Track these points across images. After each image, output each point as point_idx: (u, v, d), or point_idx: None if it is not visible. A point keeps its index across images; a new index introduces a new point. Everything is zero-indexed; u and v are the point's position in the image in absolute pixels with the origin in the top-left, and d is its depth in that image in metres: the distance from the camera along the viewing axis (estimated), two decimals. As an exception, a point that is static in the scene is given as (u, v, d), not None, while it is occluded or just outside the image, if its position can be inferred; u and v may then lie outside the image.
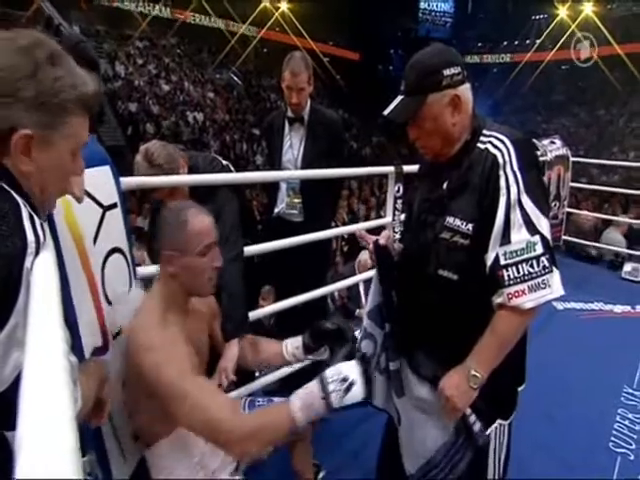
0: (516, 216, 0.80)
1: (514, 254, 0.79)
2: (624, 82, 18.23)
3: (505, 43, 23.85)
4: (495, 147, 0.85)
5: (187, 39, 18.36)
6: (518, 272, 0.79)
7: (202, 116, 14.19)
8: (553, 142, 3.62)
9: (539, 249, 0.79)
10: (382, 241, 1.00)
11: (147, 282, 1.10)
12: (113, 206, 0.97)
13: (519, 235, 0.79)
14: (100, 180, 0.93)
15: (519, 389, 1.01)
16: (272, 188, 1.94)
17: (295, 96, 1.76)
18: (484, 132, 0.88)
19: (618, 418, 1.88)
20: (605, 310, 2.92)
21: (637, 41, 17.86)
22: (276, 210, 1.90)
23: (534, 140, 3.89)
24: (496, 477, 0.98)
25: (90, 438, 0.86)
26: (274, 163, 1.89)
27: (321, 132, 1.82)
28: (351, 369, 0.79)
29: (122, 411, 0.94)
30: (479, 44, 25.13)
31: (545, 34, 20.59)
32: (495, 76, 23.51)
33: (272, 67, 18.07)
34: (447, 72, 0.85)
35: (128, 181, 1.05)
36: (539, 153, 3.69)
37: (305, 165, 1.83)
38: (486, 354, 0.85)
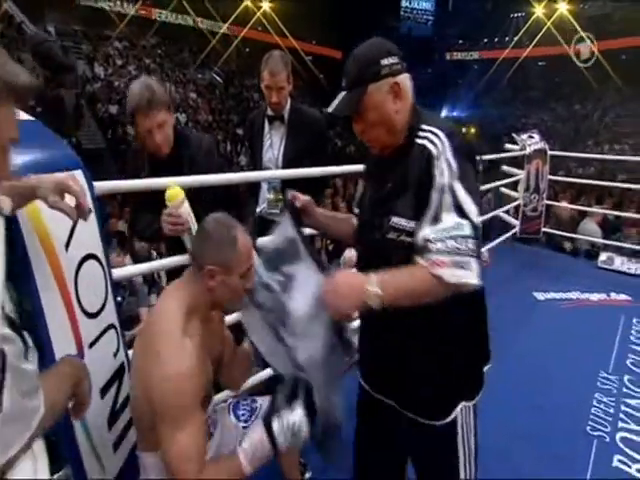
0: (447, 200, 0.81)
1: (442, 232, 0.80)
2: (598, 79, 18.75)
3: (485, 40, 24.22)
4: (431, 142, 0.86)
5: (167, 39, 18.10)
6: (445, 246, 0.79)
7: (185, 117, 14.01)
8: (531, 136, 3.70)
9: (467, 231, 0.79)
10: (298, 204, 1.05)
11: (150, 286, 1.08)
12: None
13: (449, 217, 0.80)
14: (71, 185, 0.91)
15: (484, 368, 1.01)
16: (254, 188, 1.93)
17: (275, 95, 1.75)
18: (422, 127, 0.88)
19: (594, 402, 1.95)
20: (582, 299, 3.00)
21: (611, 38, 18.36)
22: (257, 210, 1.89)
23: (513, 135, 3.97)
24: (468, 462, 0.98)
25: (65, 451, 0.84)
26: (256, 163, 1.88)
27: (302, 130, 1.81)
28: (296, 416, 0.85)
29: (102, 420, 0.92)
30: (460, 41, 25.45)
31: (522, 31, 20.99)
32: (476, 72, 23.86)
33: (254, 67, 17.96)
34: (385, 62, 0.87)
35: (100, 185, 1.02)
36: (518, 147, 3.76)
37: (286, 164, 1.82)
38: (396, 284, 0.81)
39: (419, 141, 0.87)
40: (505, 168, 3.89)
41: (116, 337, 1.01)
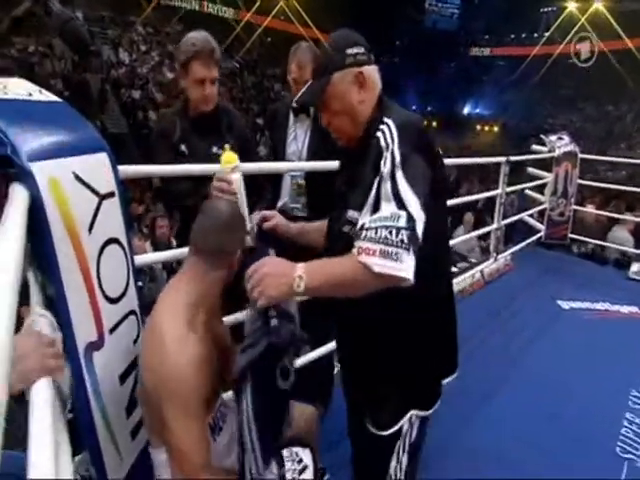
0: (387, 189, 0.79)
1: (377, 220, 0.78)
2: (634, 77, 17.94)
3: (512, 36, 23.49)
4: (383, 134, 0.84)
5: (192, 27, 18.12)
6: (376, 233, 0.76)
7: (205, 105, 14.04)
8: (561, 138, 3.57)
9: (402, 222, 0.76)
10: (270, 224, 1.05)
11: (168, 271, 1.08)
12: (110, 195, 0.92)
13: (388, 206, 0.78)
14: (96, 167, 0.89)
15: (444, 381, 0.98)
16: (276, 181, 1.89)
17: (301, 89, 1.71)
18: (383, 119, 0.86)
19: (625, 422, 1.84)
20: (612, 310, 2.87)
21: (649, 35, 17.56)
22: (279, 204, 1.85)
23: (542, 136, 3.83)
24: (396, 474, 0.95)
25: (83, 436, 0.83)
26: (277, 156, 1.84)
27: None
28: (306, 454, 0.89)
29: (120, 407, 0.91)
30: (486, 36, 24.78)
31: (554, 27, 20.19)
32: (501, 69, 23.21)
33: (276, 56, 17.86)
34: (350, 51, 0.87)
35: (125, 169, 1.00)
36: (546, 149, 3.63)
37: (310, 158, 1.77)
38: (322, 271, 0.80)
39: (377, 134, 0.85)
40: (531, 170, 3.77)
41: (137, 323, 0.99)
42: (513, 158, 2.97)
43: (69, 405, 0.79)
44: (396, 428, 0.91)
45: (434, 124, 22.00)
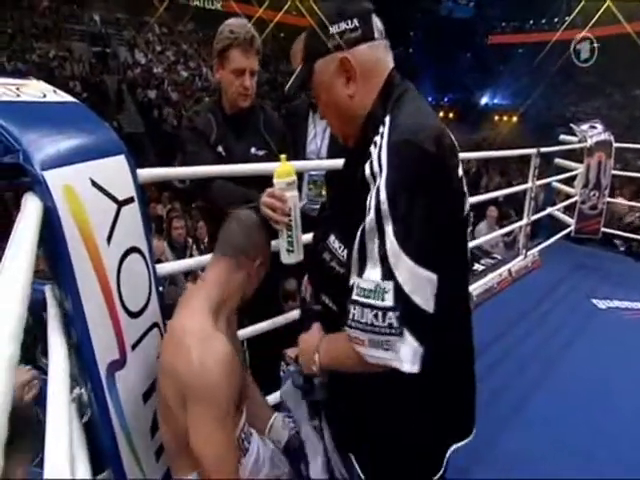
0: (373, 247, 0.61)
1: (363, 292, 0.62)
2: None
3: (531, 22, 22.72)
4: (375, 150, 0.63)
5: (204, 24, 18.18)
6: (362, 316, 0.62)
7: (219, 102, 14.10)
8: (593, 127, 3.37)
9: (388, 300, 0.59)
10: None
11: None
12: (129, 200, 0.87)
13: (372, 273, 0.61)
14: (114, 171, 0.84)
15: (452, 447, 0.79)
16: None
17: None
18: (385, 120, 0.65)
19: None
20: (656, 311, 2.69)
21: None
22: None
23: (572, 125, 3.63)
24: None
25: (106, 459, 0.78)
26: (297, 154, 1.76)
27: None
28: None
29: (144, 428, 0.86)
30: (503, 24, 24.03)
31: (577, 11, 19.33)
32: (520, 57, 22.50)
33: (289, 52, 17.73)
34: (335, 29, 0.67)
35: (145, 173, 0.95)
36: (576, 139, 3.44)
37: (330, 156, 1.69)
38: (332, 354, 0.74)
39: (376, 138, 0.64)
40: (559, 161, 3.58)
41: (160, 336, 0.94)
42: (544, 149, 2.82)
43: (87, 414, 0.75)
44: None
45: (451, 116, 21.55)
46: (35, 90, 0.84)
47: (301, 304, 0.97)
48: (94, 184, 0.77)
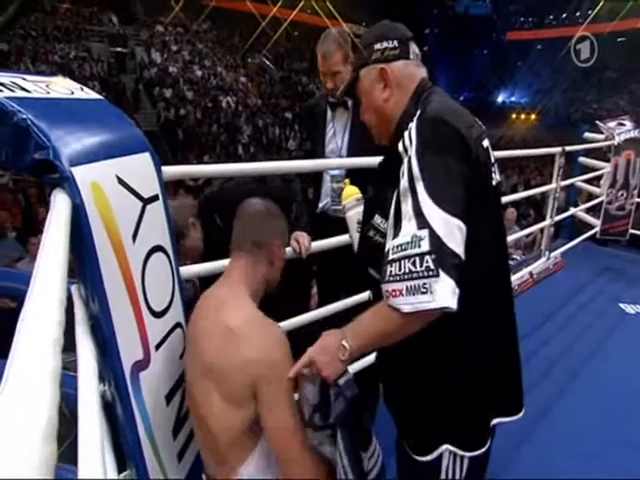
0: (407, 206, 0.70)
1: (399, 248, 0.69)
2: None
3: (551, 17, 22.19)
4: (406, 136, 0.76)
5: (219, 23, 18.30)
6: (400, 269, 0.68)
7: (235, 100, 14.18)
8: (622, 124, 3.26)
9: (424, 246, 0.67)
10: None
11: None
12: (154, 198, 0.85)
13: (407, 227, 0.69)
14: (139, 169, 0.82)
15: (493, 421, 0.83)
16: (316, 181, 1.79)
17: (330, 80, 1.60)
18: (416, 114, 0.78)
19: None
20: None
21: None
22: (320, 205, 1.75)
23: (597, 122, 3.52)
24: None
25: (130, 460, 0.77)
26: (316, 154, 1.73)
27: None
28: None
29: (167, 429, 0.85)
30: (522, 19, 23.54)
31: (601, 4, 18.73)
32: (539, 53, 22.03)
33: (303, 50, 17.73)
34: (378, 46, 0.84)
35: (171, 170, 0.93)
36: (602, 137, 3.33)
37: (351, 155, 1.66)
38: (363, 331, 0.76)
39: (406, 133, 0.77)
40: (583, 160, 3.47)
41: (182, 337, 0.93)
42: (569, 148, 2.72)
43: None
44: (430, 458, 0.81)
45: (467, 114, 21.21)
46: (63, 87, 0.83)
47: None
48: (120, 181, 0.76)
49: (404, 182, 0.72)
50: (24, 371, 0.32)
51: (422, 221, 0.67)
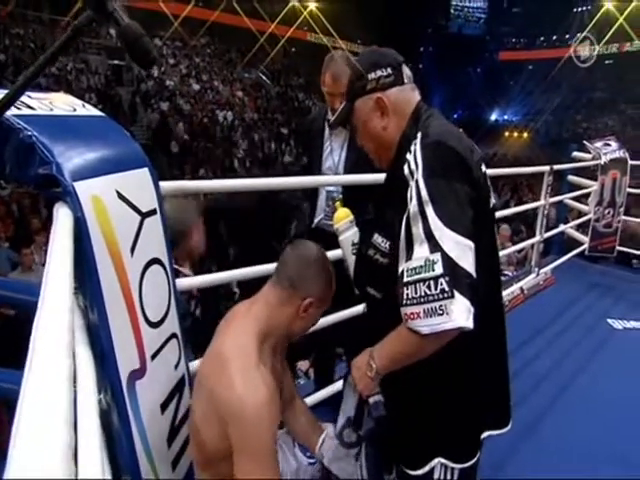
0: (418, 229, 0.72)
1: (414, 272, 0.71)
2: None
3: (542, 38, 22.89)
4: (409, 157, 0.78)
5: (217, 39, 18.60)
6: (416, 292, 0.71)
7: (231, 115, 14.34)
8: (607, 144, 3.36)
9: (438, 269, 0.69)
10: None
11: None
12: (152, 212, 0.88)
13: (420, 251, 0.71)
14: (138, 184, 0.85)
15: (482, 435, 0.86)
16: (312, 197, 1.82)
17: (337, 102, 1.64)
18: (416, 136, 0.80)
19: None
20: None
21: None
22: (315, 220, 1.78)
23: (585, 142, 3.63)
24: None
25: (126, 463, 0.78)
26: (313, 171, 1.78)
27: None
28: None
29: (162, 438, 0.86)
30: (513, 40, 24.24)
31: (589, 27, 19.38)
32: (530, 73, 22.62)
33: (300, 66, 18.05)
34: (373, 75, 0.85)
35: (168, 185, 0.96)
36: (590, 156, 3.43)
37: (347, 172, 1.70)
38: (385, 352, 0.80)
39: (407, 156, 0.79)
40: (572, 178, 3.56)
41: (177, 347, 0.94)
42: (557, 167, 2.80)
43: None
44: (421, 472, 0.84)
45: (460, 131, 21.59)
46: (65, 103, 0.87)
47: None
48: (120, 196, 0.79)
49: (413, 206, 0.73)
50: (42, 376, 0.35)
51: (434, 244, 0.69)
